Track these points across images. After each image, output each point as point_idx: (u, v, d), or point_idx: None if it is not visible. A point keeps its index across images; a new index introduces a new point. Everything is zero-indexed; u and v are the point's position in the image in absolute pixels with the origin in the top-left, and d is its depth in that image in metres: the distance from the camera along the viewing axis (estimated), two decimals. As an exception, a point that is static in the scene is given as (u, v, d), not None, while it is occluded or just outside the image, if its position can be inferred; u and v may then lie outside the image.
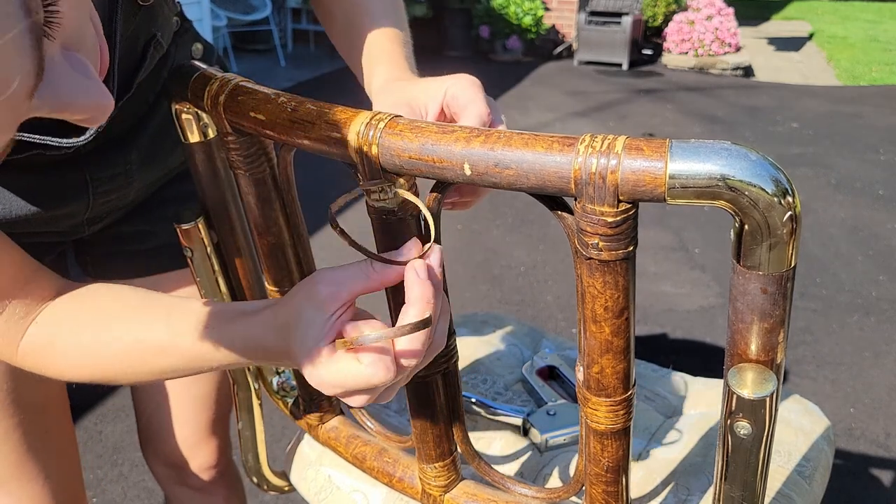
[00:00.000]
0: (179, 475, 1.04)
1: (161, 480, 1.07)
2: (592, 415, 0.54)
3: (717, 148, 0.41)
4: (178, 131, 0.68)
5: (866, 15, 10.02)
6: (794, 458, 0.78)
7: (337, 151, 0.50)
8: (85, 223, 0.78)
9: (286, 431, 1.84)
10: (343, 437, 0.77)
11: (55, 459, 0.83)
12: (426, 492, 0.70)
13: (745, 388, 0.46)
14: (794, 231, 0.41)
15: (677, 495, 0.74)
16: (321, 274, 0.51)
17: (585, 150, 0.43)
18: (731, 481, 0.52)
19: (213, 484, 1.06)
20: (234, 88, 0.57)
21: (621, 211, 0.43)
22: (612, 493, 0.58)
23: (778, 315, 0.44)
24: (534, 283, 2.67)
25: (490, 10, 6.54)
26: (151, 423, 1.00)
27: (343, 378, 0.49)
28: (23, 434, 0.79)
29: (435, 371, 0.62)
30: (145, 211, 0.86)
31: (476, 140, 0.45)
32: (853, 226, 3.17)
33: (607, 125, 4.62)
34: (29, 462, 0.80)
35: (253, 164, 0.61)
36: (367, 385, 0.48)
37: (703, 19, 6.48)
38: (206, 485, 1.05)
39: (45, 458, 0.82)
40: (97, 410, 1.95)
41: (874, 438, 1.88)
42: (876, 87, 5.92)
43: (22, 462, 0.79)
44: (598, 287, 0.47)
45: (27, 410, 0.79)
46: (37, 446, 0.81)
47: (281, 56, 6.28)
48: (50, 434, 0.83)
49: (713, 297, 2.57)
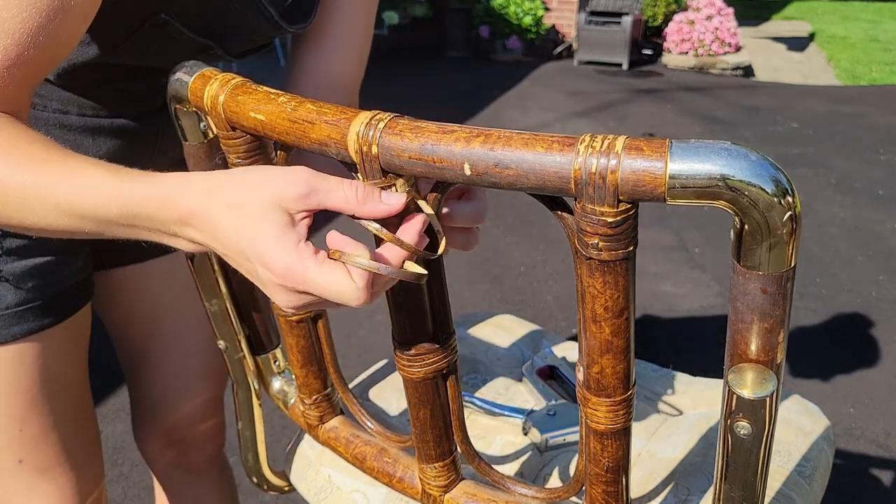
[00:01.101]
0: (178, 455, 1.06)
1: (155, 463, 1.08)
2: (592, 415, 0.54)
3: (717, 148, 0.41)
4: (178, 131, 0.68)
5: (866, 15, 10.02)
6: (794, 458, 0.78)
7: (336, 151, 0.50)
8: None
9: (286, 431, 1.84)
10: (343, 437, 0.78)
11: (89, 446, 0.87)
12: (426, 492, 0.70)
13: (745, 387, 0.46)
14: (794, 231, 0.41)
15: (677, 495, 0.74)
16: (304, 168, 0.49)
17: (585, 150, 0.43)
18: (731, 481, 0.52)
19: (207, 464, 1.07)
20: (234, 88, 0.57)
21: (621, 211, 0.43)
22: (612, 492, 0.58)
23: (778, 315, 0.44)
24: (534, 283, 2.67)
25: (490, 10, 6.54)
26: (156, 400, 1.02)
27: (328, 285, 0.46)
28: (66, 422, 0.82)
29: (435, 371, 0.62)
30: None
31: (476, 140, 0.45)
32: (853, 226, 3.17)
33: (607, 125, 4.62)
34: (69, 450, 0.83)
35: (253, 163, 0.61)
36: (341, 300, 0.46)
37: (703, 19, 6.48)
38: (200, 466, 1.07)
39: (83, 446, 0.85)
40: (97, 410, 1.95)
41: (874, 438, 1.88)
42: (876, 87, 5.92)
43: (64, 450, 0.82)
44: (598, 287, 0.47)
45: (69, 399, 0.82)
46: (77, 434, 0.84)
47: (281, 56, 6.28)
48: (85, 421, 0.86)
49: (713, 297, 2.57)
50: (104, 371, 1.98)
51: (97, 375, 2.00)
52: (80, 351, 0.83)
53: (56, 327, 0.77)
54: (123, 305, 0.96)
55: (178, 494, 1.09)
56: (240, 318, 0.82)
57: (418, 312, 0.58)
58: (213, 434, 1.07)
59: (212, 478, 1.09)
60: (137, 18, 0.67)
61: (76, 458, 0.83)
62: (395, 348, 0.61)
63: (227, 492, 1.14)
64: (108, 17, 0.63)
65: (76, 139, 0.76)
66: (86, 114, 0.76)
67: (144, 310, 0.96)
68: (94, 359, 0.90)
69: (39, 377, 0.77)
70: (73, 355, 0.81)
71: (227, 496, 1.13)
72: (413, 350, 0.60)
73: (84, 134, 0.77)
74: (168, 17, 0.67)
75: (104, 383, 2.02)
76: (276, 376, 0.86)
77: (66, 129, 0.75)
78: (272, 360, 0.85)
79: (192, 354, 1.00)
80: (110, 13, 0.63)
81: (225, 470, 1.13)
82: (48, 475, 0.81)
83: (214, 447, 1.08)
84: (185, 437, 1.04)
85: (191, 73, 0.62)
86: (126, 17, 0.66)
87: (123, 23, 0.67)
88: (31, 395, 0.76)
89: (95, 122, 0.77)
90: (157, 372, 1.00)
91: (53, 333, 0.77)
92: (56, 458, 0.81)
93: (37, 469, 0.80)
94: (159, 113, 0.82)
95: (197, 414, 1.03)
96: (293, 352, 0.75)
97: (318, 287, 0.46)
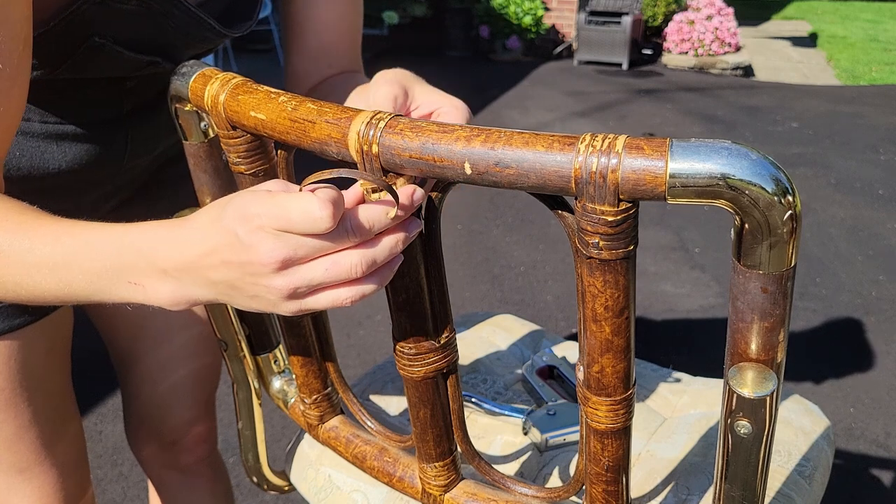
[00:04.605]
0: (170, 457, 1.05)
1: (148, 464, 1.08)
2: (593, 414, 0.54)
3: (717, 147, 0.41)
4: (178, 130, 0.68)
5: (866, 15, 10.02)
6: (794, 458, 0.78)
7: (337, 151, 0.50)
8: (105, 196, 0.83)
9: (286, 431, 1.84)
10: (343, 436, 0.78)
11: (70, 447, 0.86)
12: (426, 491, 0.70)
13: (746, 387, 0.46)
14: (794, 230, 0.42)
15: (677, 495, 0.74)
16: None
17: (586, 149, 0.43)
18: (731, 481, 0.52)
19: (200, 465, 1.07)
20: (234, 87, 0.57)
21: (622, 210, 0.43)
22: (612, 492, 0.58)
23: (778, 314, 0.44)
24: (534, 283, 2.67)
25: (490, 10, 6.54)
26: (144, 402, 1.02)
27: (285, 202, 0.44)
28: (44, 422, 0.81)
29: (435, 371, 0.62)
30: (146, 191, 0.90)
31: (477, 139, 0.46)
32: (853, 226, 3.17)
33: (607, 125, 4.62)
34: (48, 449, 0.82)
35: (253, 163, 0.61)
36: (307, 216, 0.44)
37: (703, 19, 6.48)
38: (193, 466, 1.07)
39: (62, 445, 0.84)
40: (97, 410, 1.95)
41: (874, 438, 1.88)
42: (876, 87, 5.92)
43: (42, 449, 0.81)
44: (598, 286, 0.47)
45: (47, 398, 0.81)
46: (56, 433, 0.83)
47: (281, 56, 6.27)
48: (66, 422, 0.85)
49: (713, 297, 2.57)
50: (103, 371, 1.98)
51: (96, 376, 2.00)
52: (59, 350, 0.82)
53: (32, 326, 0.76)
54: (108, 307, 0.96)
55: (172, 494, 1.09)
56: (240, 317, 0.82)
57: (418, 312, 0.58)
58: (203, 437, 1.06)
59: (205, 477, 1.09)
60: (70, 44, 0.65)
61: (56, 458, 0.83)
62: (396, 348, 0.61)
63: (222, 491, 1.14)
64: (40, 47, 0.62)
65: (39, 146, 0.73)
66: (48, 121, 0.73)
67: (128, 311, 0.96)
68: (94, 359, 0.90)
69: (15, 376, 0.76)
70: (51, 355, 0.80)
71: (221, 495, 1.13)
72: (413, 350, 0.60)
73: (48, 140, 0.74)
74: (102, 41, 0.65)
75: (104, 383, 2.02)
76: (276, 376, 0.86)
77: (28, 136, 0.73)
78: (272, 360, 0.85)
79: (179, 356, 0.99)
80: (42, 43, 0.62)
81: (219, 469, 1.13)
82: (26, 474, 0.80)
83: (205, 449, 1.08)
84: (175, 439, 1.04)
85: (191, 72, 0.62)
86: (58, 45, 0.64)
87: (56, 50, 0.65)
88: (6, 395, 0.76)
89: (58, 128, 0.74)
90: (144, 373, 1.00)
91: (29, 333, 0.76)
92: (35, 458, 0.80)
93: (14, 468, 0.79)
94: (128, 117, 0.80)
95: (186, 417, 1.02)
96: (293, 352, 0.75)
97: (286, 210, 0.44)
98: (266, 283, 0.46)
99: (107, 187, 0.83)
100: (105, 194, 0.84)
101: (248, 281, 0.47)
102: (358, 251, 0.46)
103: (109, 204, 0.86)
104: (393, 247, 0.48)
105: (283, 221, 0.45)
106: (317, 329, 0.74)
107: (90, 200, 0.82)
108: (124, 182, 0.85)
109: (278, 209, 0.45)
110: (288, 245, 0.45)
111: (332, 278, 0.46)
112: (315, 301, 0.48)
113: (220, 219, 0.47)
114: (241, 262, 0.46)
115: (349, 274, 0.46)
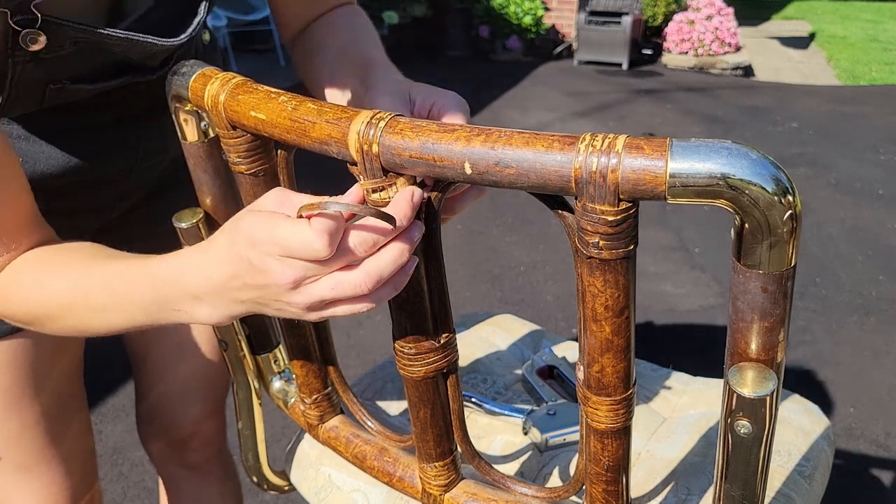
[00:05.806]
0: (179, 454, 1.06)
1: (158, 460, 1.08)
2: (593, 414, 0.54)
3: (717, 147, 0.41)
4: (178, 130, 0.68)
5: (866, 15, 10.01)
6: (794, 458, 0.78)
7: (337, 150, 0.50)
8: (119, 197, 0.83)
9: (286, 431, 1.84)
10: (343, 436, 0.78)
11: (75, 444, 0.86)
12: (426, 491, 0.70)
13: (746, 386, 0.46)
14: (794, 230, 0.41)
15: (677, 495, 0.74)
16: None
17: (586, 149, 0.43)
18: (731, 480, 0.52)
19: (209, 463, 1.08)
20: (234, 87, 0.57)
21: (622, 210, 0.43)
22: (612, 492, 0.58)
23: (778, 314, 0.44)
24: (534, 283, 2.67)
25: (490, 10, 6.54)
26: (160, 399, 1.02)
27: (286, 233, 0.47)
28: (48, 420, 0.81)
29: (435, 371, 0.62)
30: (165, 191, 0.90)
31: (477, 139, 0.46)
32: (853, 226, 3.17)
33: (607, 125, 4.61)
34: (53, 447, 0.82)
35: (253, 163, 0.61)
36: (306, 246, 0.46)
37: (703, 19, 6.48)
38: (202, 464, 1.08)
39: (67, 443, 0.85)
40: (97, 410, 1.95)
41: (874, 438, 1.88)
42: (876, 87, 5.92)
43: (47, 447, 0.82)
44: (598, 286, 0.47)
45: (53, 398, 0.81)
46: (60, 432, 0.84)
47: (281, 56, 6.28)
48: (72, 420, 0.85)
49: (713, 297, 2.57)
50: (104, 371, 1.98)
51: (97, 376, 2.00)
52: (66, 350, 0.82)
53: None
54: None
55: (181, 491, 1.10)
56: (240, 318, 0.82)
57: (418, 312, 0.58)
58: (211, 437, 1.07)
59: (214, 475, 1.10)
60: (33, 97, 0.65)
61: (61, 455, 0.83)
62: (396, 348, 0.61)
63: (231, 489, 1.14)
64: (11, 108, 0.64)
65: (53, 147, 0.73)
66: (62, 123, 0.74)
67: None
68: (94, 359, 0.91)
69: (20, 376, 0.76)
70: (58, 354, 0.80)
71: (230, 494, 1.14)
72: (413, 349, 0.60)
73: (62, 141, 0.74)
74: (59, 85, 0.66)
75: (104, 383, 2.03)
76: (276, 376, 0.86)
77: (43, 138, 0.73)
78: (272, 360, 0.85)
79: (191, 358, 1.00)
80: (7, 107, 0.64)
81: (228, 467, 1.14)
82: (31, 472, 0.81)
83: (213, 449, 1.08)
84: (184, 437, 1.04)
85: (191, 72, 0.62)
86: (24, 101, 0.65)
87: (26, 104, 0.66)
88: (11, 394, 0.76)
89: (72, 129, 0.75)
90: (156, 372, 1.01)
91: (34, 333, 0.75)
92: (39, 456, 0.80)
93: (18, 466, 0.80)
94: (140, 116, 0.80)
95: (196, 417, 1.03)
96: (293, 352, 0.75)
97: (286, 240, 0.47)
98: (286, 300, 0.50)
99: (123, 186, 0.83)
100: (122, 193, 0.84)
101: (271, 298, 0.50)
102: (362, 270, 0.48)
103: (124, 204, 0.86)
104: (398, 257, 0.49)
105: (286, 251, 0.47)
106: (317, 329, 0.74)
107: (108, 198, 0.83)
108: (140, 181, 0.86)
109: (280, 239, 0.47)
110: (295, 268, 0.48)
111: (340, 296, 0.49)
112: (333, 311, 0.51)
113: (234, 243, 0.50)
114: (258, 284, 0.50)
115: (355, 292, 0.48)
